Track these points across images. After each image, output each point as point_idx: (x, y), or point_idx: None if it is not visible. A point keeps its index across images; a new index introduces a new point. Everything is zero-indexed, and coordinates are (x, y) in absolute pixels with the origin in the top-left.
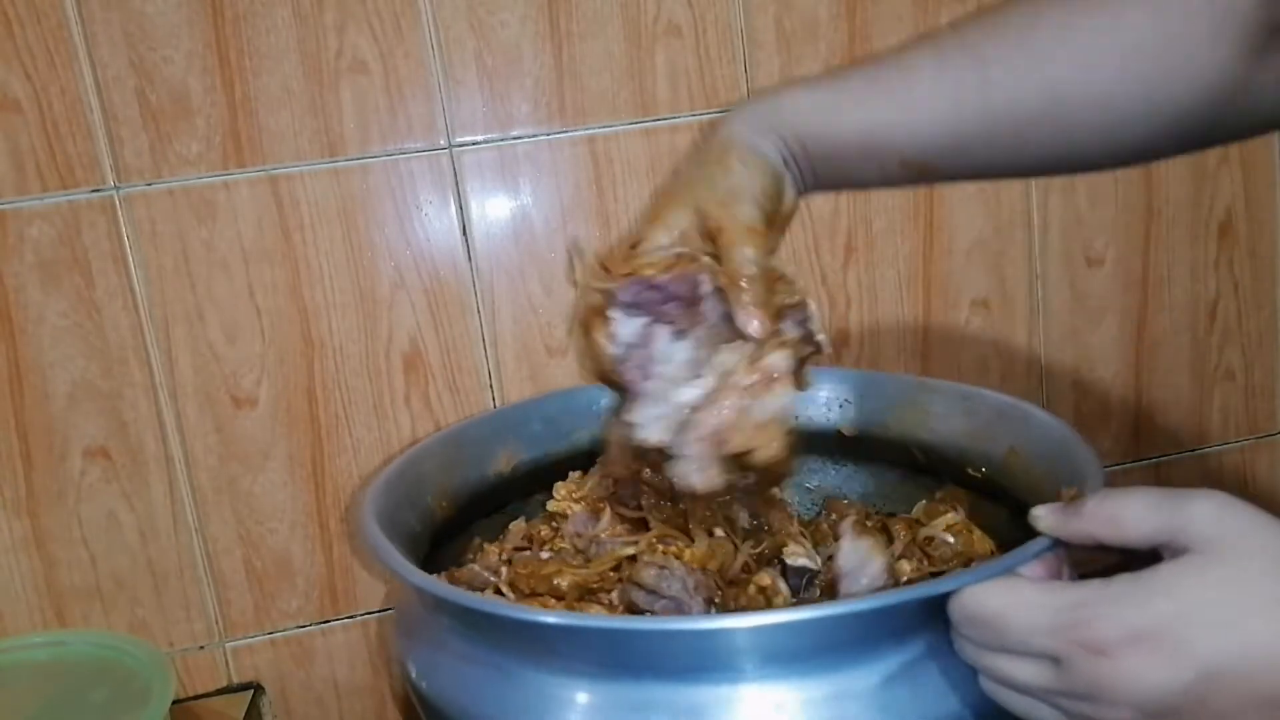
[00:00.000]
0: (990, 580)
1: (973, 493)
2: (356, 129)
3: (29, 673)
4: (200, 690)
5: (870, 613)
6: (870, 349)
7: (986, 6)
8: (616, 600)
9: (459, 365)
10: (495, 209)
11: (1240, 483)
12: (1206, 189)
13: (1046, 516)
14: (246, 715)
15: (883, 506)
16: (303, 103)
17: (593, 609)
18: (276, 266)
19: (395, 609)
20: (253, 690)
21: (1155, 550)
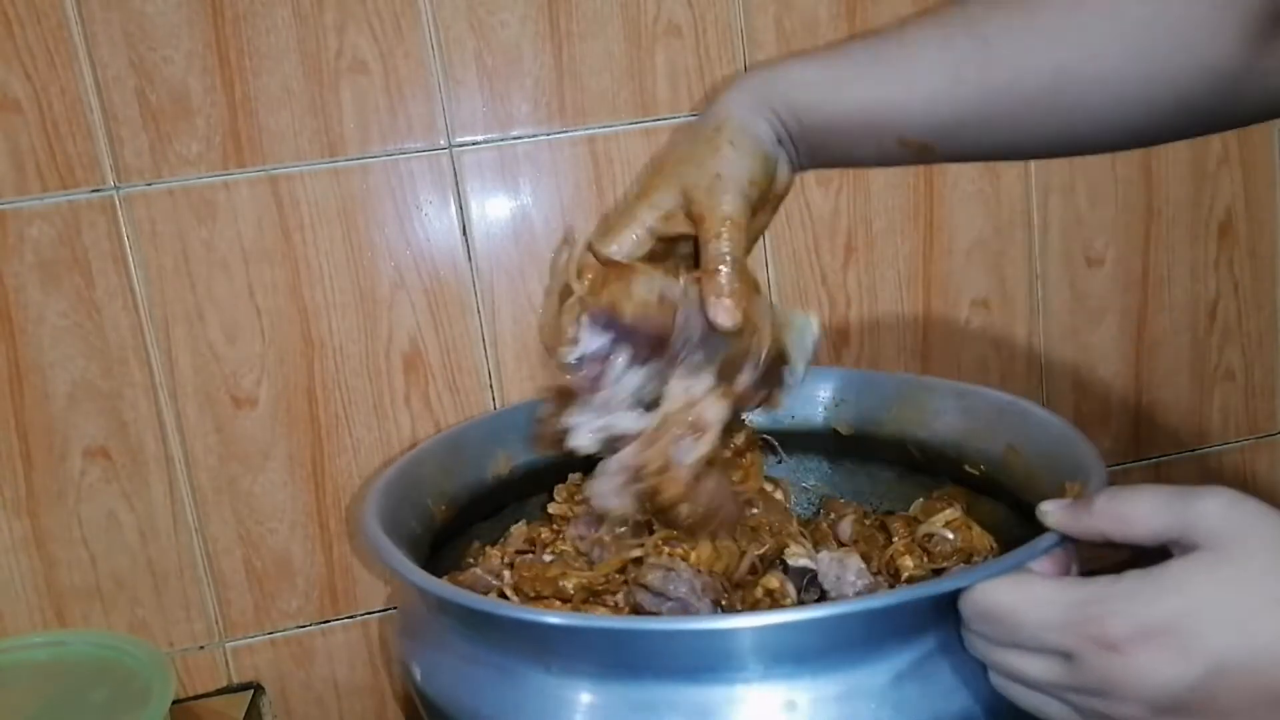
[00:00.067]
0: (1001, 576)
1: (970, 490)
2: (356, 129)
3: (29, 673)
4: (200, 690)
5: (880, 610)
6: (870, 349)
7: None
8: (622, 603)
9: (459, 365)
10: (495, 209)
11: (1240, 483)
12: (1206, 189)
13: (1055, 513)
14: (246, 715)
15: (880, 505)
16: (303, 103)
17: (598, 612)
18: (276, 266)
19: (398, 610)
20: (253, 690)
21: (1163, 547)
